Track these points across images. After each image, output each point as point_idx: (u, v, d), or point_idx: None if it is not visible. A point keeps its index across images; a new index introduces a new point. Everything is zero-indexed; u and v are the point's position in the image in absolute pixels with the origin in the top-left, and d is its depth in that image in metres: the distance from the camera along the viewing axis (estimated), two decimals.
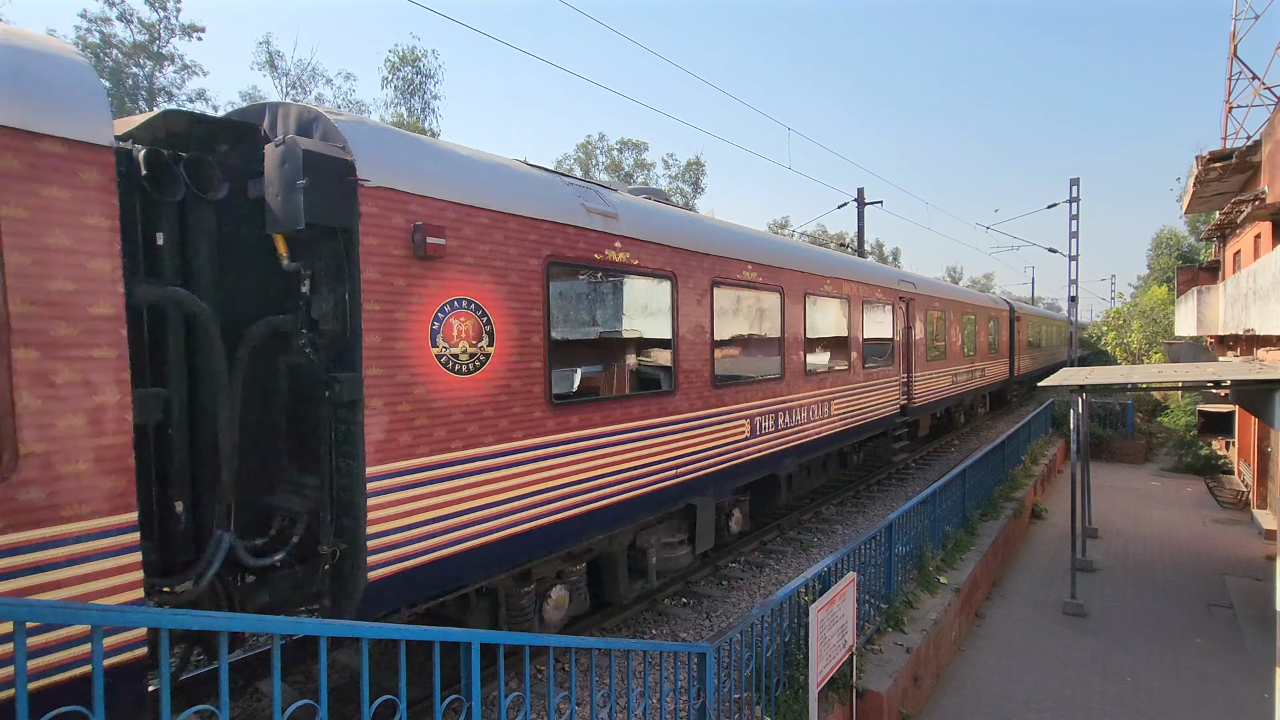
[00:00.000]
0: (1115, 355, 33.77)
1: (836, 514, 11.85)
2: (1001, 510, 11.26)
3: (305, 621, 2.43)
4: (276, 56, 30.77)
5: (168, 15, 28.72)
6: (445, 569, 4.56)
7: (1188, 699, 6.86)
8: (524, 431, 5.14)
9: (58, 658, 2.85)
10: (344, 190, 4.02)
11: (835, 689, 5.48)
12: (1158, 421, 24.23)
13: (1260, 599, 9.27)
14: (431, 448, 4.45)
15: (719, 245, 7.67)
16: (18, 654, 1.79)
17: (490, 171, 5.11)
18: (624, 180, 49.22)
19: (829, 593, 5.23)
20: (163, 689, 2.05)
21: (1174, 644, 8.06)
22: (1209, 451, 18.94)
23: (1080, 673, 7.36)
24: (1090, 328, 52.80)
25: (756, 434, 8.29)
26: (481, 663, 3.07)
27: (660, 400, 6.68)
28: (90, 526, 2.97)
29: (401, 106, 33.82)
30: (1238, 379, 8.50)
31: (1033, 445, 16.52)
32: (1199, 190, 15.72)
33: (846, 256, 13.25)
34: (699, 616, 7.49)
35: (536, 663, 6.10)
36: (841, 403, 10.72)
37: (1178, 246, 45.72)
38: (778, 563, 9.28)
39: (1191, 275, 20.40)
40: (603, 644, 3.83)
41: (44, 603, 2.09)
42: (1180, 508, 14.55)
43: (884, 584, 7.03)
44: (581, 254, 5.76)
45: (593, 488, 5.82)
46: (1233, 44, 18.01)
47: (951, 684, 7.13)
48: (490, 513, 4.87)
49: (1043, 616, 8.82)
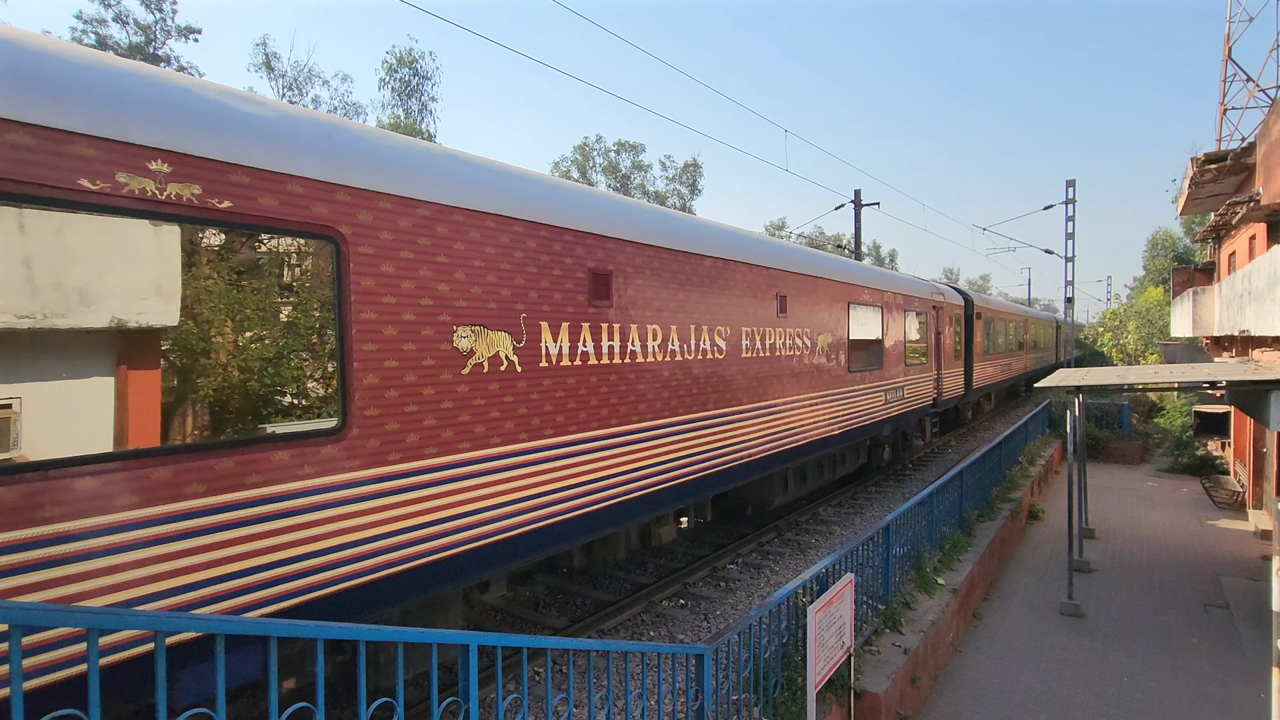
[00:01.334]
0: (1111, 356, 33.88)
1: (834, 515, 11.85)
2: (999, 511, 11.28)
3: (302, 624, 2.42)
4: (273, 58, 30.74)
5: (164, 17, 28.68)
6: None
7: (1184, 699, 6.87)
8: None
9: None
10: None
11: (833, 690, 5.49)
12: (1154, 422, 24.33)
13: (1256, 599, 9.29)
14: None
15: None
16: (12, 656, 1.78)
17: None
18: (621, 181, 49.24)
19: (827, 594, 5.23)
20: (159, 692, 2.04)
21: (1170, 644, 8.07)
22: (1205, 452, 19.01)
23: (1077, 673, 7.37)
24: (1086, 329, 52.98)
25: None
26: (479, 664, 3.06)
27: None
28: None
29: (399, 108, 33.82)
30: (1233, 380, 8.54)
31: (1029, 446, 16.56)
32: (1194, 192, 15.78)
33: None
34: (697, 618, 7.48)
35: (534, 665, 6.09)
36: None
37: (1173, 248, 45.94)
38: (775, 564, 9.28)
39: (1187, 277, 20.48)
40: (600, 645, 3.83)
41: (38, 605, 2.08)
42: (1176, 508, 14.59)
43: (882, 585, 7.03)
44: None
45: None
46: (1227, 46, 18.09)
47: (949, 685, 7.14)
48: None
49: (1040, 617, 8.84)
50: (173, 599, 3.33)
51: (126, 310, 3.26)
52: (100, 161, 3.16)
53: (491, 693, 5.33)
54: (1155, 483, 17.25)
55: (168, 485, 3.32)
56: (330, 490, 3.97)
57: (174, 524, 3.34)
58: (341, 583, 4.01)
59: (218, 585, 3.49)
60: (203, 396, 3.58)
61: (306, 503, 3.86)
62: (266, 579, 3.69)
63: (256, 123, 3.81)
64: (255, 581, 3.64)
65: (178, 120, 3.44)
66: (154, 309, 3.36)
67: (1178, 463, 18.90)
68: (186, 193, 3.41)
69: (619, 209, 6.49)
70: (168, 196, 3.34)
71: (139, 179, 3.26)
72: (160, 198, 3.32)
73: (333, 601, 3.97)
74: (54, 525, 2.97)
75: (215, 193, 3.52)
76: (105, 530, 3.11)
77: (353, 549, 4.07)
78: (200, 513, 3.43)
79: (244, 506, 3.60)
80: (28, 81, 3.01)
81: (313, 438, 3.91)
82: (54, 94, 3.07)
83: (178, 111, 3.46)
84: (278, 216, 3.77)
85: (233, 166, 3.60)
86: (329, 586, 3.95)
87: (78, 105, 3.12)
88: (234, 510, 3.56)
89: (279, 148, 3.83)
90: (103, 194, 3.15)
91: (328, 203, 3.99)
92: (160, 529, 3.29)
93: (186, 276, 3.48)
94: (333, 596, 3.97)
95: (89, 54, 3.40)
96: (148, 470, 3.27)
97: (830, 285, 10.45)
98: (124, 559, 3.17)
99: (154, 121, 3.35)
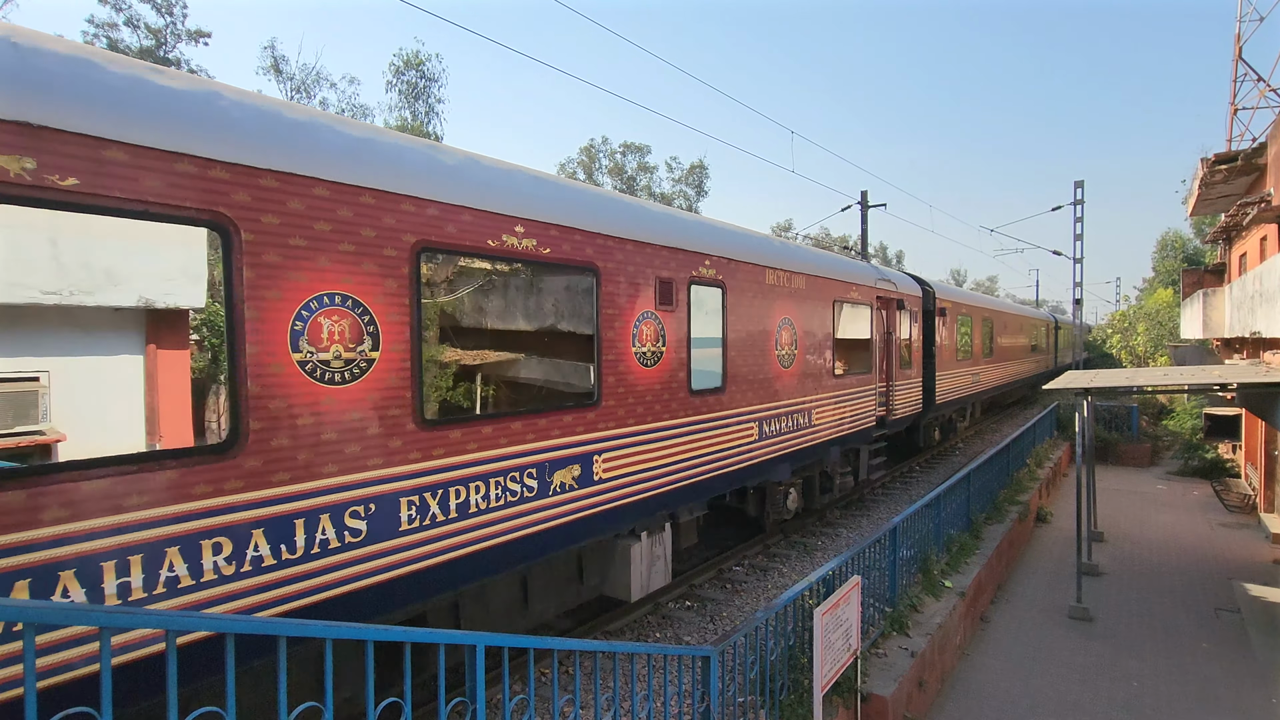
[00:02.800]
0: (1120, 358, 33.68)
1: (840, 517, 11.82)
2: (1006, 514, 11.23)
3: (311, 624, 2.44)
4: (281, 61, 30.90)
5: (174, 20, 28.89)
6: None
7: (1194, 703, 6.82)
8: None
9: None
10: None
11: (839, 693, 5.47)
12: (1163, 425, 24.16)
13: (1268, 603, 9.22)
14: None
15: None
16: (26, 655, 1.80)
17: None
18: (626, 183, 49.27)
19: (833, 596, 5.22)
20: (169, 690, 2.06)
21: (1180, 648, 8.01)
22: (1215, 455, 18.86)
23: (1086, 677, 7.33)
24: (1095, 330, 52.62)
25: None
26: (486, 665, 3.07)
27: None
28: None
29: (405, 110, 33.95)
30: (1244, 382, 8.48)
31: (1037, 448, 16.47)
32: (1204, 193, 15.68)
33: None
34: (703, 620, 7.48)
35: (540, 666, 6.09)
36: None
37: (1183, 249, 45.57)
38: (782, 566, 9.26)
39: (1197, 278, 20.35)
40: (606, 647, 3.83)
41: (52, 604, 2.10)
42: (1186, 511, 14.47)
43: (888, 588, 7.01)
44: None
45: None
46: (1237, 46, 17.99)
47: (956, 688, 7.11)
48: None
49: (1048, 621, 8.78)
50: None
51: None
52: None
53: (498, 693, 5.34)
54: (1165, 486, 17.12)
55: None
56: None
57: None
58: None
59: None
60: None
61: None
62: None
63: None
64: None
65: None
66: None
67: (1188, 465, 18.76)
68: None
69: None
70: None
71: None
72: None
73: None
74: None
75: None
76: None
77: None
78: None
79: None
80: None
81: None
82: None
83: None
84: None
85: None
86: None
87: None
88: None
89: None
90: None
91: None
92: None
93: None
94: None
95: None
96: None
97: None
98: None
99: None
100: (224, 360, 3.78)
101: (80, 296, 4.56)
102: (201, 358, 3.21)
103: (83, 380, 4.91)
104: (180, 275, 5.04)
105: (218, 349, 2.66)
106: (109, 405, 4.93)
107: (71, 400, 4.90)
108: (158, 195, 3.31)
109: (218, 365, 7.85)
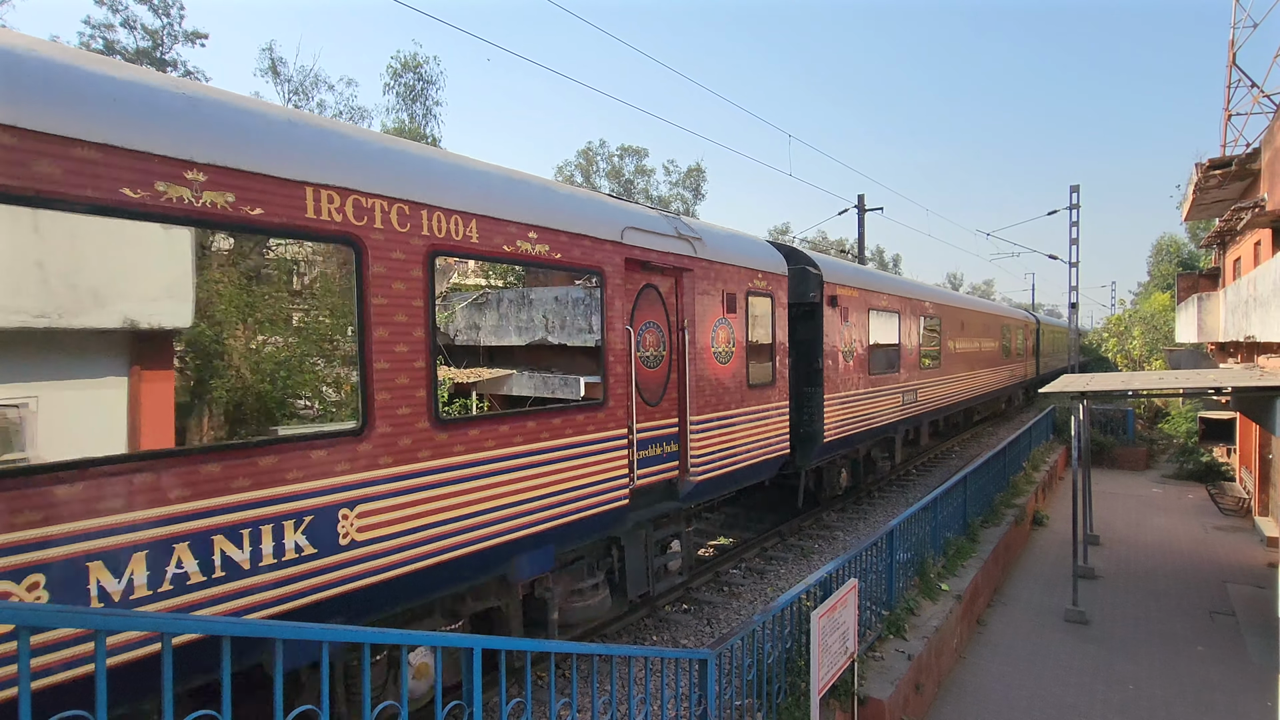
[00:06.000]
0: (1116, 362, 33.79)
1: (837, 520, 11.82)
2: (1003, 517, 11.24)
3: (308, 626, 2.43)
4: (279, 63, 30.88)
5: (171, 22, 28.86)
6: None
7: (1190, 707, 6.83)
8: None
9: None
10: None
11: (837, 696, 5.46)
12: (1159, 428, 24.20)
13: (1262, 606, 9.24)
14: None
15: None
16: (21, 657, 1.79)
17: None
18: (624, 186, 49.33)
19: (830, 599, 5.22)
20: (165, 694, 2.05)
21: (1176, 651, 8.03)
22: (1210, 458, 18.91)
23: (1082, 680, 7.33)
24: (1091, 334, 52.78)
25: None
26: (482, 668, 3.06)
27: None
28: None
29: (403, 113, 33.95)
30: (1239, 386, 8.50)
31: (1034, 452, 16.50)
32: (1199, 198, 15.75)
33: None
34: (700, 623, 7.47)
35: (538, 669, 6.08)
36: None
37: (1178, 253, 45.83)
38: (779, 569, 9.26)
39: (1192, 282, 20.42)
40: (604, 650, 3.82)
41: (45, 606, 2.09)
42: (1182, 514, 14.51)
43: (885, 591, 7.01)
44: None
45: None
46: (1232, 52, 18.09)
47: (953, 691, 7.11)
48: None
49: (1044, 624, 8.79)
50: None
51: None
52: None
53: (495, 696, 5.32)
54: (1160, 489, 17.17)
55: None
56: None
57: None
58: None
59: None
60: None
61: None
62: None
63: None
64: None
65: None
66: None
67: (1183, 469, 18.81)
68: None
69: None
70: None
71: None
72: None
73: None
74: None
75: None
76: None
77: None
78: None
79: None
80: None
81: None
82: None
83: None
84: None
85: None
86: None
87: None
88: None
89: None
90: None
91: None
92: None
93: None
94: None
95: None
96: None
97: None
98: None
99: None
100: (223, 374, 4.07)
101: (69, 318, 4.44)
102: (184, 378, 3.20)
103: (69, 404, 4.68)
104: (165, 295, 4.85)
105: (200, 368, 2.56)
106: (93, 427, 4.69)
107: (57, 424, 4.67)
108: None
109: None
